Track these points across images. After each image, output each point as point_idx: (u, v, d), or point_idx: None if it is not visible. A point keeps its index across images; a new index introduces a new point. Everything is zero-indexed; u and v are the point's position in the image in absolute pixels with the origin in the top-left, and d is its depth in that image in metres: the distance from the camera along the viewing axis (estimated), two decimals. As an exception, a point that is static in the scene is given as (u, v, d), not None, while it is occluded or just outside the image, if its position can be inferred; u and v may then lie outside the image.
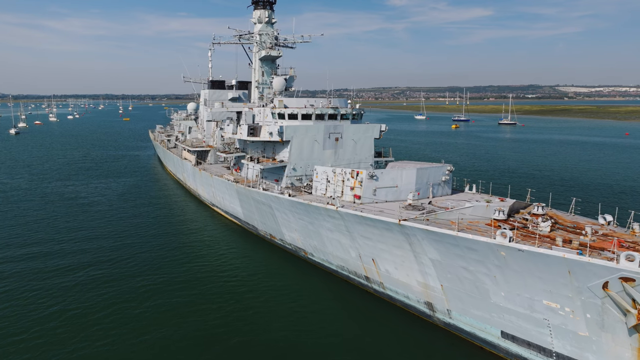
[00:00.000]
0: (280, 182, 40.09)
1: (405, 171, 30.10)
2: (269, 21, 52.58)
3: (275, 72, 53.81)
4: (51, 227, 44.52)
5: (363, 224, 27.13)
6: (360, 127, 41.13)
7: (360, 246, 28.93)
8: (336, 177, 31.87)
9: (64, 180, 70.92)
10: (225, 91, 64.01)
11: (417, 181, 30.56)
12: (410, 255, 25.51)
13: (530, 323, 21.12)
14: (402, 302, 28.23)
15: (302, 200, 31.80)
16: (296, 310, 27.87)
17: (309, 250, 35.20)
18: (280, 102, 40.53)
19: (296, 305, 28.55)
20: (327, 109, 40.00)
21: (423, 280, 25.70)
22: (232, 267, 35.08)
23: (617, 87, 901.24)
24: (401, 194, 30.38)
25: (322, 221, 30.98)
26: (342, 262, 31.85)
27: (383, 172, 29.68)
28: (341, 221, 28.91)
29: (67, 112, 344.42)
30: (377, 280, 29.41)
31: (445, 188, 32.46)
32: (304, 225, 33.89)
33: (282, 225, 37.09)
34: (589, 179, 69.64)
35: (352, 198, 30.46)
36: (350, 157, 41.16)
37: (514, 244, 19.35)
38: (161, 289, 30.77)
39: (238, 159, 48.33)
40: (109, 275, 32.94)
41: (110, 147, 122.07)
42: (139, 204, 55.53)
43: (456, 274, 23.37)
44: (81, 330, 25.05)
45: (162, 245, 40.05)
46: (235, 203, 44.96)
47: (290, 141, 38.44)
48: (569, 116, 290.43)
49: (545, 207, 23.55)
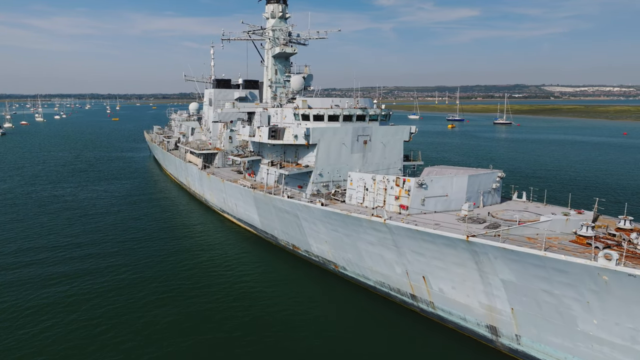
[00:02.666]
0: (304, 189, 37.11)
1: (456, 179, 27.32)
2: (283, 16, 49.48)
3: (288, 70, 50.78)
4: (52, 235, 41.12)
5: (417, 239, 24.30)
6: (389, 129, 38.32)
7: (409, 262, 26.10)
8: (376, 184, 29.00)
9: (58, 183, 67.04)
10: (232, 90, 60.69)
11: (468, 189, 27.82)
12: (474, 275, 22.75)
13: (629, 356, 18.46)
14: (456, 324, 25.48)
15: (339, 210, 28.84)
16: (332, 327, 25.75)
17: (341, 263, 32.29)
18: (304, 102, 37.52)
19: (330, 322, 26.37)
20: (355, 110, 37.08)
21: (488, 302, 22.95)
22: (251, 279, 32.63)
23: (601, 86, 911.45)
24: (451, 204, 27.63)
25: (363, 234, 28.09)
26: (382, 278, 29.00)
27: (433, 180, 26.85)
28: (388, 235, 26.04)
29: (53, 112, 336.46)
30: (425, 299, 26.61)
31: (495, 196, 29.77)
32: (337, 238, 30.97)
33: (310, 236, 34.13)
34: (614, 180, 67.69)
35: (397, 208, 27.62)
36: (379, 161, 38.34)
37: (623, 268, 16.66)
38: (175, 300, 28.88)
39: (252, 163, 45.24)
40: (116, 284, 31.01)
41: (103, 148, 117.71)
42: (141, 209, 52.37)
43: (534, 298, 20.65)
44: None
45: (172, 254, 37.43)
46: (251, 210, 41.86)
47: (317, 144, 35.46)
48: (560, 116, 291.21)
49: (632, 220, 20.97)
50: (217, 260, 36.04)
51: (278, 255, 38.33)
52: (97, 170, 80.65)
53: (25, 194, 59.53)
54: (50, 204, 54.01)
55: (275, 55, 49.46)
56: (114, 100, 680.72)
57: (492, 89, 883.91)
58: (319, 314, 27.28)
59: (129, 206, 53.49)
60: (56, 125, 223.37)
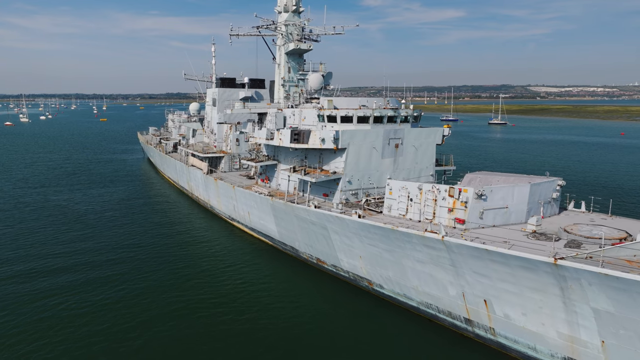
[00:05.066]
0: (330, 197, 33.84)
1: (517, 188, 24.26)
2: (297, 10, 46.11)
3: (302, 68, 47.45)
4: (43, 244, 37.44)
5: (483, 259, 21.20)
6: (422, 132, 35.22)
7: (468, 284, 23.00)
8: (423, 195, 25.83)
9: (48, 187, 62.83)
10: (237, 90, 57.20)
11: (530, 200, 24.80)
12: (555, 301, 19.70)
13: None
14: (522, 353, 22.43)
15: (382, 224, 25.62)
16: (374, 350, 23.12)
17: (377, 281, 29.08)
18: (330, 101, 34.23)
19: (371, 347, 23.47)
20: (386, 110, 33.89)
21: (569, 332, 19.92)
22: (269, 294, 29.88)
23: (585, 87, 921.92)
24: (511, 217, 24.58)
25: (411, 250, 24.91)
26: (430, 299, 25.87)
27: (493, 190, 23.75)
28: (445, 253, 22.91)
29: (38, 112, 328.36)
30: (484, 325, 23.53)
31: (553, 207, 26.78)
32: (375, 253, 27.76)
33: (340, 250, 30.89)
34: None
35: (450, 222, 24.48)
36: (411, 166, 35.24)
37: None
38: (190, 317, 26.38)
39: (266, 168, 41.84)
40: (115, 298, 28.29)
41: (94, 150, 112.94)
42: (140, 215, 49.14)
43: (636, 331, 17.65)
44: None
45: (182, 266, 34.45)
46: (267, 220, 38.48)
47: (347, 149, 32.20)
48: (550, 116, 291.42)
49: None
50: (231, 273, 33.23)
51: (299, 268, 35.13)
52: (89, 173, 76.50)
53: (13, 198, 55.39)
54: (41, 209, 50.41)
55: (288, 52, 46.08)
56: (100, 100, 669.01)
57: (478, 89, 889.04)
58: (356, 335, 24.63)
59: (127, 212, 50.15)
60: (42, 126, 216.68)
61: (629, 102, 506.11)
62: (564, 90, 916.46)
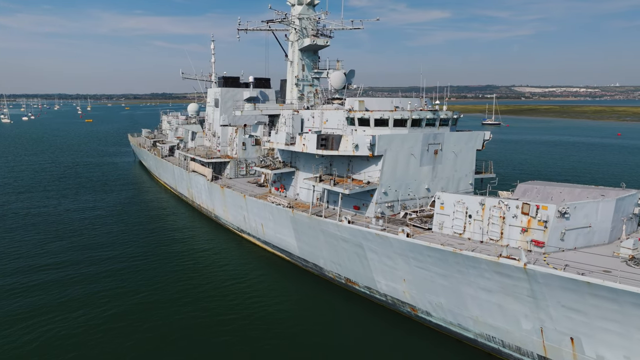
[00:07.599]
0: (362, 210, 30.08)
1: (602, 204, 20.75)
2: (311, 2, 42.22)
3: (317, 66, 43.61)
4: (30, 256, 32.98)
5: (581, 293, 17.62)
6: (462, 136, 31.67)
7: (551, 319, 19.42)
8: (486, 211, 22.20)
9: (34, 192, 58.07)
10: (241, 90, 53.03)
11: (614, 217, 21.32)
12: (675, 347, 16.22)
13: None
14: (615, 401, 18.91)
15: (440, 245, 21.92)
16: None
17: (424, 307, 25.41)
18: (362, 103, 30.44)
19: None
20: (425, 112, 30.22)
21: (690, 382, 16.46)
22: (287, 316, 26.74)
23: (568, 87, 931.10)
24: (593, 237, 21.07)
25: (476, 277, 21.27)
26: (494, 332, 22.27)
27: (577, 207, 20.19)
28: (525, 283, 19.29)
29: (20, 113, 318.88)
30: (566, 365, 20.00)
31: (634, 223, 23.38)
32: (425, 277, 24.09)
33: (377, 271, 27.14)
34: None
35: (524, 244, 20.88)
36: (450, 174, 31.67)
37: None
38: (209, 341, 22.86)
39: (281, 176, 37.95)
40: (114, 318, 24.24)
41: (81, 152, 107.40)
42: (137, 223, 45.46)
43: None
44: None
45: (193, 284, 31.08)
46: (286, 234, 34.61)
47: (383, 156, 28.44)
48: (539, 116, 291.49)
49: None
50: (244, 291, 29.99)
51: (323, 289, 31.49)
52: (78, 177, 71.72)
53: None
54: (27, 217, 46.42)
55: (302, 48, 42.18)
56: (84, 100, 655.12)
57: (464, 89, 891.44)
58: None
59: (121, 220, 46.51)
60: (25, 127, 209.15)
61: (612, 102, 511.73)
62: (547, 91, 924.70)
